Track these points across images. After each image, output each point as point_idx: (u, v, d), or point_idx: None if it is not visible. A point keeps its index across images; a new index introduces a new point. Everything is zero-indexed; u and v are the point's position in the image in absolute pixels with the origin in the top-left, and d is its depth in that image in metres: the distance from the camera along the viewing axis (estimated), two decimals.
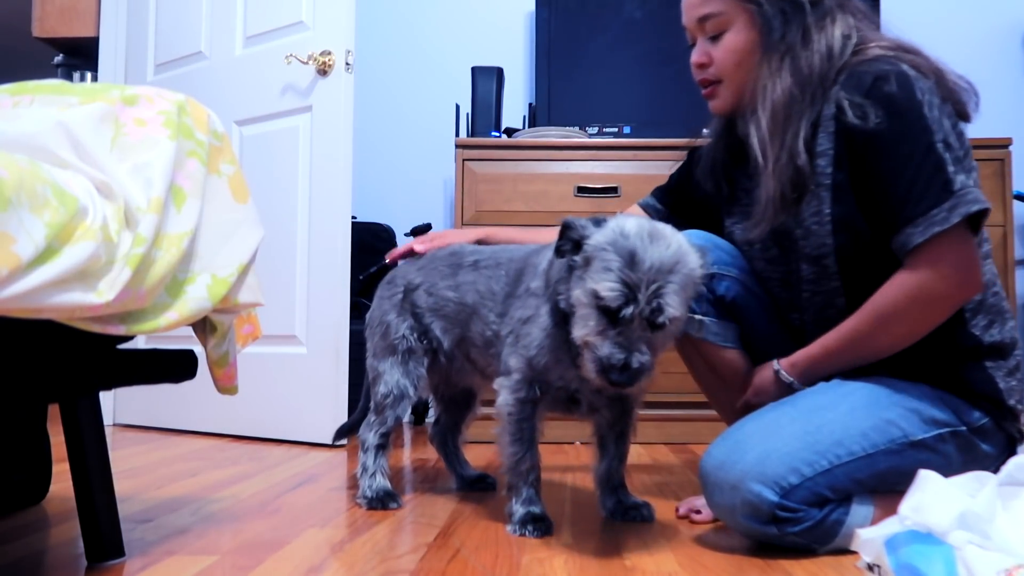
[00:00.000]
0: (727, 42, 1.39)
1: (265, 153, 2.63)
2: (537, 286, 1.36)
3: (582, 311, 1.18)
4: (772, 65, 1.34)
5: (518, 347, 1.36)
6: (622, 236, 1.16)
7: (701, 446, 2.43)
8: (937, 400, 1.27)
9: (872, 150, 1.25)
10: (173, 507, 1.55)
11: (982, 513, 0.92)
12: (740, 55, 1.39)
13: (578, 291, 1.19)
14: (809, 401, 1.29)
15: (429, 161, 3.34)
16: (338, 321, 2.44)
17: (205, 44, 2.79)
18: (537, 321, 1.34)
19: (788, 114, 1.32)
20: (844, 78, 1.30)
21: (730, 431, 1.31)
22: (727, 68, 1.41)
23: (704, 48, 1.43)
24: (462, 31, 3.37)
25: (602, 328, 1.15)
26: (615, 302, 1.12)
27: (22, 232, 0.87)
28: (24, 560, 1.22)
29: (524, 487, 1.38)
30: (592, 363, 1.16)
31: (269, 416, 2.54)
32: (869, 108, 1.24)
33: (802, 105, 1.32)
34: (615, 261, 1.14)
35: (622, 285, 1.12)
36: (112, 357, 1.16)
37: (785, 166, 1.32)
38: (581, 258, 1.20)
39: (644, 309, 1.12)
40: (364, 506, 1.55)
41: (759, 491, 1.18)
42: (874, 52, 1.31)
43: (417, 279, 1.61)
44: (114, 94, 1.17)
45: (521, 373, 1.35)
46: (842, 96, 1.27)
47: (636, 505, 1.46)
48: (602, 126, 2.99)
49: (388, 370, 1.58)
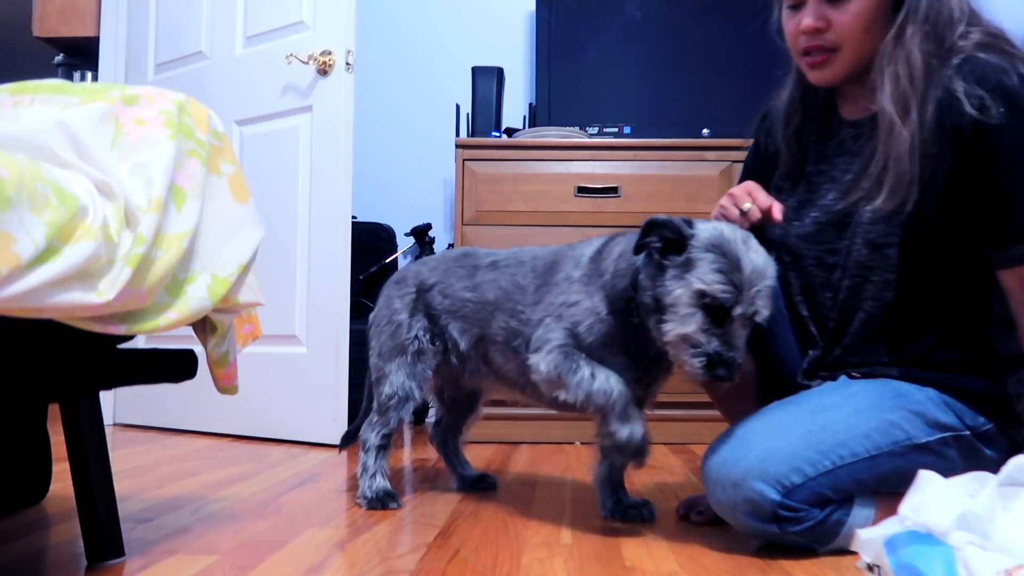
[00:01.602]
0: (853, 6, 1.27)
1: (265, 153, 2.63)
2: (581, 275, 1.37)
3: (684, 309, 1.21)
4: (914, 29, 1.24)
5: (562, 322, 1.36)
6: (724, 241, 1.21)
7: (701, 446, 2.43)
8: (942, 404, 1.26)
9: (986, 147, 1.19)
10: (173, 507, 1.55)
11: (982, 513, 0.92)
12: (870, 19, 1.27)
13: (679, 290, 1.21)
14: (813, 401, 1.29)
15: (429, 161, 3.34)
16: (338, 321, 2.44)
17: (205, 44, 2.79)
18: (585, 305, 1.34)
19: (929, 83, 1.23)
20: (958, 62, 1.22)
21: (733, 429, 1.30)
22: (852, 34, 1.28)
23: (821, 11, 1.29)
24: (462, 31, 3.37)
25: (707, 326, 1.20)
26: (728, 303, 1.18)
27: (22, 232, 0.87)
28: (24, 560, 1.22)
29: (619, 403, 1.30)
30: (697, 358, 1.20)
31: (269, 416, 2.54)
32: (989, 101, 1.17)
33: (938, 75, 1.22)
34: (723, 264, 1.19)
35: (732, 287, 1.18)
36: (112, 357, 1.16)
37: (925, 142, 1.22)
38: (683, 258, 1.22)
39: (748, 310, 1.19)
40: (364, 506, 1.55)
41: (761, 489, 1.18)
42: (984, 39, 1.23)
43: (431, 279, 1.60)
44: (114, 94, 1.17)
45: (561, 341, 1.35)
46: (957, 82, 1.20)
47: (636, 505, 1.46)
48: (602, 126, 2.99)
49: (394, 371, 1.58)
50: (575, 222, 2.64)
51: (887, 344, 1.32)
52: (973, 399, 1.27)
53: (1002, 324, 1.29)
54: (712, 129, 2.86)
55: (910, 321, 1.30)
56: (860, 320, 1.33)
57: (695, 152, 2.68)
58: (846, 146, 1.38)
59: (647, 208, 2.59)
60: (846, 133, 1.39)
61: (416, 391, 1.58)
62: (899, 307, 1.30)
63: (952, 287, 1.29)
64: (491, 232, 2.65)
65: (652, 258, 1.26)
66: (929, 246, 1.27)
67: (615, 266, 1.34)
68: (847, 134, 1.39)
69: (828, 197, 1.38)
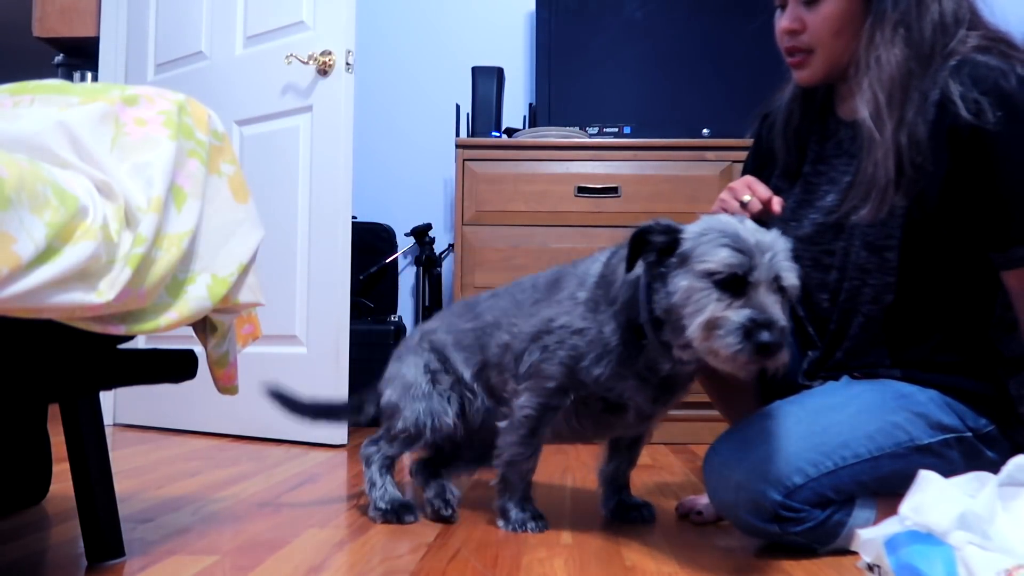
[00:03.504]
0: (824, 9, 1.29)
1: (265, 153, 2.63)
2: (587, 298, 1.28)
3: (697, 296, 1.09)
4: (884, 34, 1.24)
5: (559, 353, 1.28)
6: (718, 223, 1.12)
7: (701, 446, 2.43)
8: (944, 405, 1.26)
9: (984, 150, 1.18)
10: (173, 507, 1.55)
11: (982, 513, 0.92)
12: (840, 23, 1.29)
13: (684, 283, 1.10)
14: (816, 402, 1.29)
15: (429, 161, 3.34)
16: (338, 321, 2.44)
17: (205, 44, 2.79)
18: (591, 335, 1.26)
19: (906, 88, 1.23)
20: (955, 64, 1.21)
21: (736, 429, 1.30)
22: (823, 36, 1.30)
23: (797, 13, 1.32)
24: (462, 31, 3.37)
25: (728, 302, 1.06)
26: (740, 268, 1.06)
27: (22, 232, 0.87)
28: (24, 560, 1.22)
29: (520, 486, 1.38)
30: (730, 337, 1.04)
31: (269, 416, 2.52)
32: (986, 105, 1.16)
33: (919, 80, 1.22)
34: (724, 239, 1.09)
35: (740, 253, 1.07)
36: (112, 357, 1.16)
37: (906, 147, 1.22)
38: (677, 257, 1.13)
39: (769, 274, 1.07)
40: (378, 519, 1.45)
41: (763, 490, 1.18)
42: (982, 42, 1.22)
43: (434, 324, 1.59)
44: (114, 94, 1.17)
45: (557, 382, 1.30)
46: (953, 85, 1.19)
47: (637, 506, 1.47)
48: (602, 126, 2.99)
49: (409, 404, 1.48)
50: (575, 222, 2.64)
51: (888, 347, 1.32)
52: (975, 400, 1.27)
53: (1003, 326, 1.29)
54: (712, 129, 2.86)
55: (911, 324, 1.30)
56: (859, 323, 1.33)
57: (695, 152, 2.68)
58: (844, 147, 1.38)
59: (647, 208, 2.59)
60: (844, 134, 1.39)
61: (429, 429, 1.46)
62: (899, 310, 1.29)
63: (953, 289, 1.29)
64: (491, 232, 2.65)
65: (651, 271, 1.18)
66: (929, 248, 1.26)
67: (627, 294, 1.24)
68: (845, 135, 1.38)
69: (827, 199, 1.38)
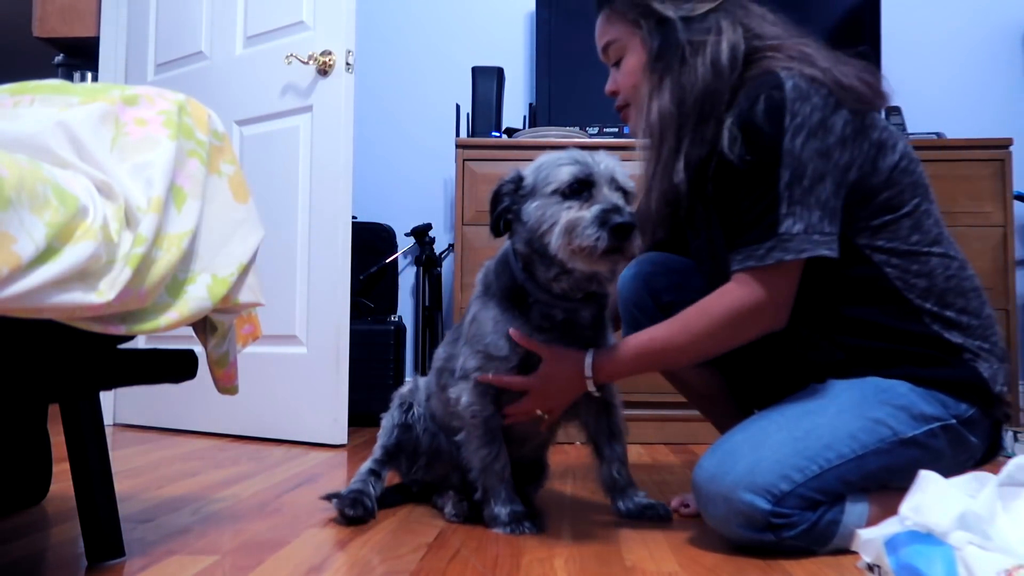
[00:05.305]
0: (624, 66, 1.42)
1: (265, 153, 2.63)
2: (477, 292, 1.43)
3: (550, 216, 1.25)
4: (652, 83, 1.35)
5: (471, 345, 1.39)
6: (551, 155, 1.29)
7: (701, 446, 2.43)
8: (925, 395, 1.26)
9: (728, 178, 1.28)
10: (173, 507, 1.55)
11: (982, 513, 0.92)
12: (635, 77, 1.40)
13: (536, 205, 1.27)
14: (796, 407, 1.29)
15: (429, 161, 3.34)
16: (338, 321, 2.44)
17: (205, 44, 2.79)
18: (484, 313, 1.38)
19: (663, 131, 1.33)
20: (741, 96, 1.26)
21: (720, 442, 1.31)
22: (628, 91, 1.42)
23: (613, 75, 1.46)
24: (462, 31, 3.37)
25: (578, 205, 1.24)
26: (582, 173, 1.24)
27: (22, 232, 0.87)
28: (24, 560, 1.22)
29: (501, 487, 1.38)
30: (587, 231, 1.19)
31: (269, 416, 2.54)
32: (738, 138, 1.24)
33: (683, 121, 1.31)
34: (559, 160, 1.27)
35: (576, 163, 1.26)
36: (112, 357, 1.16)
37: (660, 181, 1.36)
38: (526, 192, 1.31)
39: (607, 172, 1.25)
40: (336, 505, 1.45)
41: (751, 500, 1.18)
42: (767, 64, 1.27)
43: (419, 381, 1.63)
44: (114, 94, 1.17)
45: (480, 370, 1.36)
46: (728, 121, 1.27)
47: (652, 504, 1.46)
48: (602, 126, 2.99)
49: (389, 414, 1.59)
50: None
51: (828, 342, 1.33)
52: (952, 388, 1.27)
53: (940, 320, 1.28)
54: None
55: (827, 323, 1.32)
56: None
57: None
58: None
59: None
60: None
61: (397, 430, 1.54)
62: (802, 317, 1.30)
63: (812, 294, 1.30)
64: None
65: (512, 224, 1.34)
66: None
67: (494, 268, 1.40)
68: None
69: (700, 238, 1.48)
